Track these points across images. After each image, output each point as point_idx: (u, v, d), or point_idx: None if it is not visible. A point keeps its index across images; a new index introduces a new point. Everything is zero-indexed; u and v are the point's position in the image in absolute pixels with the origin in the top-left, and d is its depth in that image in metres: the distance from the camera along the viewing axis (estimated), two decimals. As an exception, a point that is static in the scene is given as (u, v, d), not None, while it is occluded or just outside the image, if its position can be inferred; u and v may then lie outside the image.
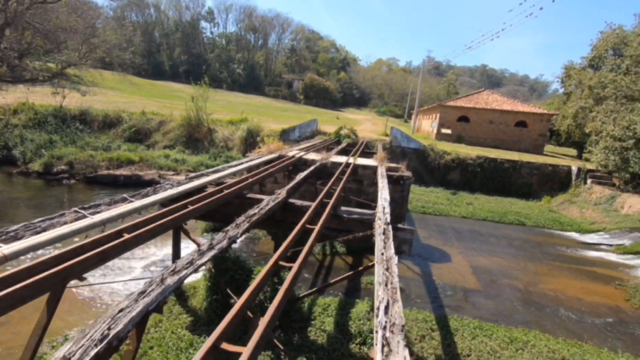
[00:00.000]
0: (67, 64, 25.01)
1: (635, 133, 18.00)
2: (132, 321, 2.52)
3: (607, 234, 15.76)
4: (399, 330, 2.62)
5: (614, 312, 9.02)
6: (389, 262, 3.90)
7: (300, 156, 12.32)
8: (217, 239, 4.19)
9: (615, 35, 25.46)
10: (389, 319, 2.78)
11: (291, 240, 4.31)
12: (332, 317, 7.29)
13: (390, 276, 3.56)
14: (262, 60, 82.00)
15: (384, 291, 3.24)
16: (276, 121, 30.87)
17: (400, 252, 6.62)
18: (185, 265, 3.39)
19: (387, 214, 6.27)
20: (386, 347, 2.43)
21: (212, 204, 5.73)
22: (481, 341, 6.95)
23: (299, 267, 3.51)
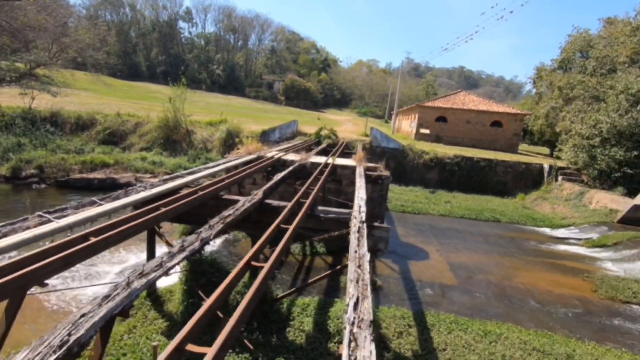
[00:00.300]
0: (36, 64, 24.06)
1: (601, 132, 18.88)
2: (94, 326, 2.46)
3: (576, 228, 16.43)
4: (366, 326, 2.66)
5: (582, 303, 9.42)
6: (361, 260, 3.95)
7: (280, 157, 12.29)
8: (189, 241, 4.13)
9: (582, 39, 26.63)
10: (357, 315, 2.82)
11: (264, 241, 4.30)
12: (310, 316, 7.30)
13: (362, 273, 3.61)
14: (242, 61, 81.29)
15: (354, 288, 3.28)
16: (256, 122, 30.66)
17: (377, 250, 6.72)
18: (154, 268, 3.33)
19: (363, 212, 6.34)
20: (353, 342, 2.47)
21: (186, 206, 5.64)
22: (457, 335, 7.11)
23: (271, 267, 3.50)
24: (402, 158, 23.61)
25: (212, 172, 8.70)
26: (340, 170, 12.24)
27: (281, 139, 24.17)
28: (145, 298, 7.36)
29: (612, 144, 18.76)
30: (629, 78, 19.98)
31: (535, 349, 6.82)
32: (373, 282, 9.27)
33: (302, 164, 11.62)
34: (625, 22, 23.28)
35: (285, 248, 4.21)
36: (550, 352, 6.78)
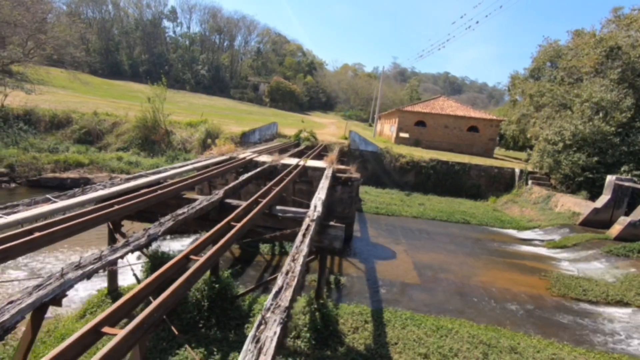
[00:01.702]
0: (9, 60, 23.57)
1: (564, 138, 19.74)
2: (21, 312, 2.63)
3: (541, 230, 17.14)
4: (280, 311, 2.91)
5: (534, 300, 9.92)
6: (298, 255, 4.20)
7: (252, 158, 12.48)
8: (135, 237, 4.30)
9: (552, 49, 27.77)
10: (276, 302, 3.07)
11: (208, 237, 4.50)
12: (270, 313, 7.51)
13: (294, 266, 3.86)
14: (228, 62, 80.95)
15: (282, 278, 3.53)
16: (239, 124, 30.67)
17: (332, 248, 7.00)
18: (93, 261, 3.50)
19: (318, 212, 6.62)
20: (263, 325, 2.71)
21: (142, 204, 5.79)
22: (410, 330, 7.44)
23: (206, 260, 3.71)
24: (379, 161, 24.08)
25: (178, 172, 8.83)
26: (311, 172, 12.51)
27: (261, 140, 24.32)
28: (105, 296, 7.45)
29: (575, 150, 19.66)
30: (593, 88, 20.99)
31: (482, 342, 7.21)
32: (337, 281, 9.56)
33: (273, 165, 11.84)
34: (591, 34, 24.43)
35: (227, 244, 4.42)
36: (495, 345, 7.17)
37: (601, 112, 20.09)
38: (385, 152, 24.15)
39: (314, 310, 7.10)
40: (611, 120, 19.86)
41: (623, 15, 24.30)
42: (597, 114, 20.11)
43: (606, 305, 10.08)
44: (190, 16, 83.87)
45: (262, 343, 2.45)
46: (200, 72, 74.06)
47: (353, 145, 24.27)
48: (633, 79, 21.56)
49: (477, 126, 32.80)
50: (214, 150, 12.86)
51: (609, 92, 20.48)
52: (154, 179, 7.69)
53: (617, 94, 20.46)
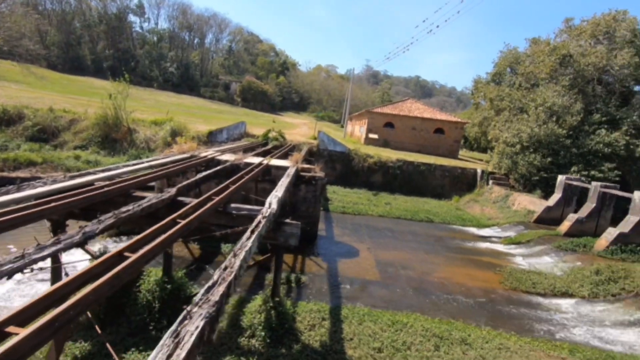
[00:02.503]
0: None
1: (521, 140, 20.78)
2: None
3: (499, 227, 17.93)
4: (209, 306, 2.86)
5: (487, 294, 10.35)
6: (240, 250, 4.15)
7: (214, 156, 12.23)
8: (68, 235, 4.10)
9: (511, 55, 29.19)
10: (206, 297, 3.01)
11: (149, 233, 4.36)
12: (226, 313, 7.39)
13: (234, 261, 3.81)
14: (198, 60, 79.05)
15: (219, 274, 3.47)
16: (207, 123, 30.01)
17: (288, 246, 6.98)
18: (13, 260, 3.30)
19: (273, 209, 6.58)
20: (187, 319, 2.65)
21: (84, 201, 5.52)
22: (366, 326, 7.55)
23: (139, 257, 3.59)
24: (348, 161, 24.32)
25: (131, 169, 8.51)
26: (275, 171, 12.42)
27: (229, 139, 23.93)
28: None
29: (531, 151, 20.74)
30: (547, 93, 22.23)
31: (435, 335, 7.43)
32: (297, 279, 9.54)
33: (235, 163, 11.66)
34: (546, 42, 25.88)
35: (168, 241, 4.30)
36: (447, 338, 7.42)
37: (554, 116, 21.32)
38: (354, 152, 24.43)
39: (270, 308, 7.06)
40: (563, 124, 21.12)
41: (574, 26, 25.92)
42: (550, 117, 21.31)
43: (553, 296, 10.68)
44: (158, 12, 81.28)
45: (181, 337, 2.39)
46: (169, 69, 71.83)
47: (322, 145, 24.37)
48: (582, 85, 23.04)
49: (443, 128, 33.88)
50: (175, 149, 12.51)
51: (561, 97, 21.77)
52: (103, 177, 7.36)
53: (568, 99, 21.79)
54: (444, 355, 6.84)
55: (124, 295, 6.87)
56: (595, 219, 15.65)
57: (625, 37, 22.82)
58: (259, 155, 15.33)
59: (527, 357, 7.16)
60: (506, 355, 7.11)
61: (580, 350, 7.62)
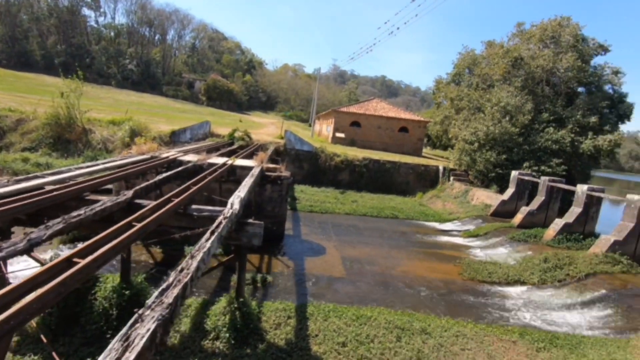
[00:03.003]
0: None
1: (478, 137, 21.90)
2: None
3: (459, 221, 18.78)
4: (162, 308, 2.83)
5: (447, 285, 10.86)
6: (197, 252, 4.12)
7: (176, 157, 11.91)
8: (11, 241, 3.88)
9: (469, 57, 30.62)
10: (160, 299, 2.98)
11: (102, 237, 4.22)
12: (189, 317, 7.26)
13: (191, 263, 3.78)
14: (159, 57, 76.14)
15: (174, 275, 3.43)
16: (170, 122, 29.04)
17: (251, 246, 6.97)
18: (-53, 270, 3.09)
19: (235, 209, 6.54)
20: (139, 322, 2.62)
21: (30, 206, 5.23)
22: (331, 322, 7.69)
23: (91, 262, 3.47)
24: (315, 160, 24.46)
25: (85, 172, 8.12)
26: (240, 171, 12.28)
27: (192, 139, 23.32)
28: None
29: (488, 149, 21.90)
30: (501, 93, 23.55)
31: (397, 327, 7.71)
32: (263, 279, 9.53)
33: (198, 164, 11.42)
34: (500, 45, 27.42)
35: (122, 245, 4.18)
36: (409, 329, 7.72)
37: (508, 115, 22.63)
38: (320, 151, 24.61)
39: (235, 309, 7.01)
40: (516, 122, 22.47)
41: (525, 30, 27.61)
42: (504, 116, 22.60)
43: (507, 285, 11.38)
44: (115, 5, 77.40)
45: (131, 341, 2.37)
46: (128, 66, 68.66)
47: (289, 144, 24.35)
48: (533, 86, 24.64)
49: (407, 127, 34.89)
50: (133, 150, 12.04)
51: (513, 97, 23.14)
52: (53, 180, 6.98)
53: (520, 99, 23.21)
54: (405, 345, 7.12)
55: (78, 303, 6.57)
56: (545, 211, 16.81)
57: (569, 41, 24.64)
58: (223, 155, 15.09)
59: (482, 342, 7.61)
60: (463, 341, 7.51)
61: (529, 333, 8.20)
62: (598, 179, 57.98)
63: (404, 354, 6.83)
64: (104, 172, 8.65)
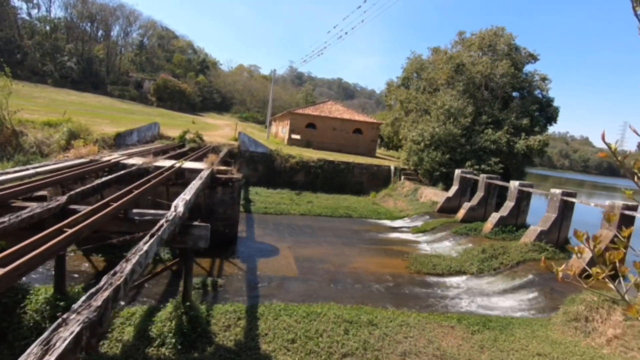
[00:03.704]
0: None
1: (425, 138, 23.17)
2: None
3: (409, 218, 19.72)
4: (89, 311, 2.81)
5: (395, 278, 11.42)
6: (133, 255, 4.07)
7: (119, 160, 11.39)
8: None
9: (417, 62, 32.26)
10: (88, 303, 2.94)
11: (26, 245, 4.02)
12: (133, 325, 7.02)
13: (126, 266, 3.74)
14: (103, 55, 71.35)
15: (106, 279, 3.39)
16: (115, 124, 27.40)
17: (197, 249, 6.91)
18: None
19: (179, 212, 6.46)
20: (62, 326, 2.58)
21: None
22: (282, 320, 7.81)
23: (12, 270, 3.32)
24: (270, 162, 24.41)
25: (13, 177, 7.54)
26: (189, 174, 12.01)
27: (140, 142, 22.24)
28: None
29: (434, 149, 23.24)
30: (445, 97, 25.09)
31: (345, 321, 8.00)
32: (214, 283, 9.42)
33: (143, 167, 11.01)
34: (444, 52, 29.21)
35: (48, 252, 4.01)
36: (357, 321, 8.05)
37: (451, 117, 24.17)
38: (276, 153, 24.62)
39: (181, 314, 6.89)
40: (458, 124, 24.05)
41: (466, 38, 29.64)
42: (448, 118, 24.11)
43: (449, 275, 12.20)
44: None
45: (52, 344, 2.34)
46: (67, 64, 63.63)
47: (243, 146, 24.09)
48: (473, 91, 26.51)
49: (361, 128, 35.89)
50: (71, 153, 11.32)
51: (456, 100, 24.75)
52: (-27, 187, 6.43)
53: (462, 102, 24.88)
54: (352, 337, 7.43)
55: (4, 318, 6.11)
56: (484, 206, 18.18)
57: (504, 50, 26.86)
58: (172, 158, 14.64)
59: (424, 329, 8.14)
60: (406, 330, 7.99)
61: (465, 318, 8.89)
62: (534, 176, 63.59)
63: (351, 345, 7.13)
64: (36, 177, 8.10)
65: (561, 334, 8.55)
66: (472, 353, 7.45)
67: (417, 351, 7.29)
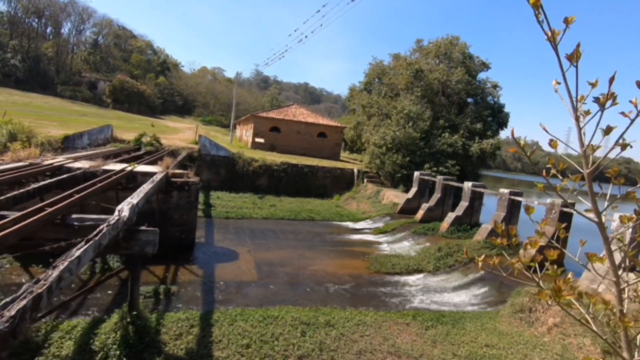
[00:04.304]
0: None
1: (386, 141, 23.78)
2: None
3: (371, 220, 20.08)
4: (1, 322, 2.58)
5: (355, 279, 11.55)
6: (62, 261, 3.81)
7: (63, 164, 10.67)
8: None
9: (378, 68, 33.13)
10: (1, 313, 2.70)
11: None
12: (73, 339, 6.56)
13: (52, 273, 3.48)
14: (52, 53, 66.85)
15: (25, 287, 3.13)
16: (65, 126, 25.71)
17: (144, 254, 6.60)
18: None
19: (124, 217, 6.15)
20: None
21: None
22: (237, 326, 7.63)
23: None
24: (232, 166, 23.94)
25: None
26: (141, 178, 11.45)
27: (91, 145, 20.99)
28: None
29: (394, 152, 23.90)
30: (405, 102, 25.92)
31: (302, 323, 7.97)
32: (167, 290, 9.04)
33: (90, 171, 10.39)
34: (404, 58, 30.24)
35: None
36: (314, 323, 8.04)
37: (411, 121, 24.99)
38: (238, 156, 24.19)
39: (127, 324, 6.54)
40: (417, 128, 24.91)
41: (424, 46, 30.87)
42: (408, 122, 24.91)
43: (407, 274, 12.53)
44: (-9, -10, 65.85)
45: (-52, 360, 2.12)
46: (11, 61, 58.96)
47: (204, 150, 23.45)
48: (431, 96, 27.60)
49: (325, 132, 36.17)
50: (7, 157, 10.45)
51: (415, 105, 25.65)
52: None
53: (421, 107, 25.82)
54: (309, 339, 7.41)
55: None
56: (441, 206, 18.90)
57: (459, 58, 28.23)
58: (125, 161, 13.94)
59: (380, 327, 8.28)
60: (363, 329, 8.08)
61: (420, 315, 9.15)
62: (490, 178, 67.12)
63: (307, 347, 7.10)
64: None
65: (508, 325, 9.03)
66: (425, 348, 7.68)
67: (373, 349, 7.40)
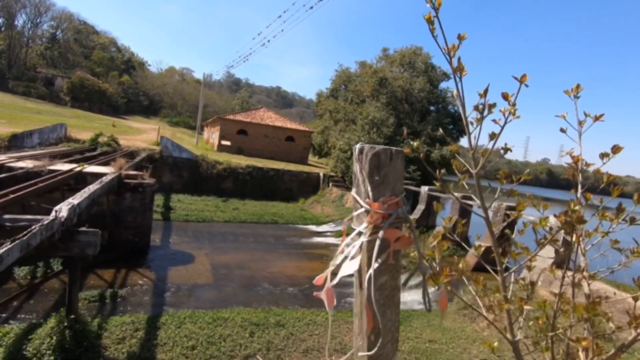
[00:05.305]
0: None
1: (351, 147, 24.26)
2: None
3: (334, 223, 20.39)
4: None
5: (310, 281, 11.66)
6: (-21, 260, 3.70)
7: (3, 163, 10.13)
8: None
9: (344, 75, 33.79)
10: None
11: None
12: (5, 346, 6.26)
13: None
14: (4, 46, 62.75)
15: None
16: (14, 124, 24.18)
17: (84, 256, 6.44)
18: None
19: (62, 217, 5.98)
20: None
21: None
22: (185, 328, 7.56)
23: None
24: (195, 168, 23.51)
25: None
26: (91, 179, 11.05)
27: (42, 144, 19.94)
28: None
29: (358, 157, 24.40)
30: (370, 108, 26.60)
31: (252, 324, 8.02)
32: (114, 294, 8.79)
33: (34, 171, 9.93)
34: (369, 66, 31.04)
35: None
36: (264, 324, 8.11)
37: (375, 127, 25.67)
38: (201, 159, 23.80)
39: (64, 329, 6.33)
40: (381, 134, 25.61)
41: (389, 55, 31.85)
42: (372, 128, 25.57)
43: (363, 275, 12.85)
44: None
45: None
46: (-44, 53, 54.76)
47: (166, 152, 22.88)
48: (395, 103, 28.48)
49: (293, 136, 36.32)
50: (-61, 154, 9.78)
51: (380, 112, 26.37)
52: None
53: (385, 113, 26.57)
54: (257, 339, 7.48)
55: None
56: (401, 210, 19.53)
57: (421, 67, 29.37)
58: (76, 161, 13.39)
59: (329, 326, 8.47)
60: (312, 328, 8.25)
61: (370, 314, 9.44)
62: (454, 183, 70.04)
63: (254, 347, 7.17)
64: None
65: (452, 322, 9.53)
66: (371, 345, 7.94)
67: (320, 347, 7.57)
